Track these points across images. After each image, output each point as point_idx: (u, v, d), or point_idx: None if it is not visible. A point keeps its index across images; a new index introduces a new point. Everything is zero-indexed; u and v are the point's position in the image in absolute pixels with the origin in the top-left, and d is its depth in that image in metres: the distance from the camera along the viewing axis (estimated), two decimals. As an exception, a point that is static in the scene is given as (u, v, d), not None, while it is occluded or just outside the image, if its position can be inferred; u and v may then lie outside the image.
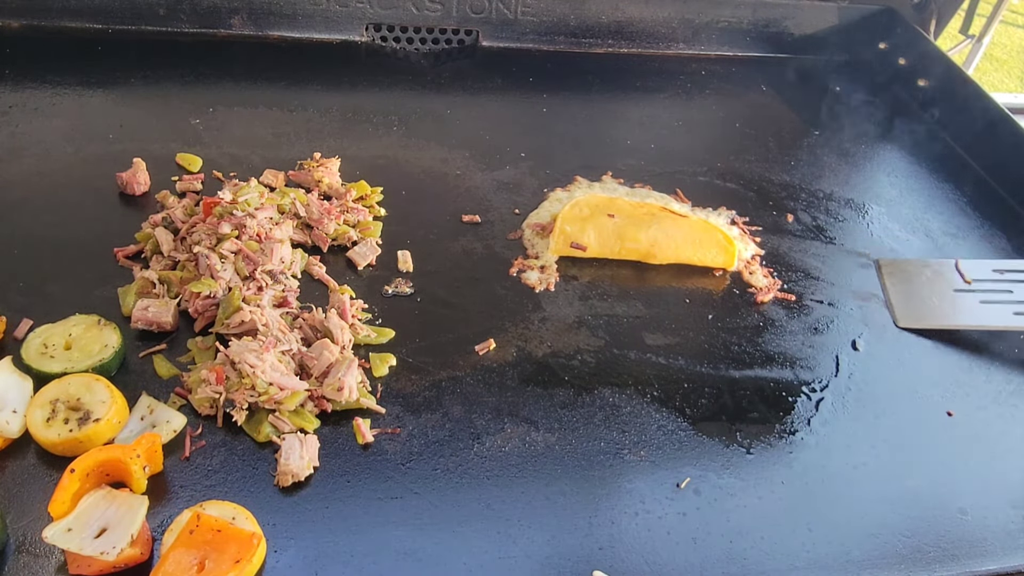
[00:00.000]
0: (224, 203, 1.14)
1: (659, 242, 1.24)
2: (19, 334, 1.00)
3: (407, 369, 1.04)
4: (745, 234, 1.32)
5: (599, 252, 1.24)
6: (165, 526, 0.83)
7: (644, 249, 1.24)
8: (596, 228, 1.24)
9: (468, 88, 1.61)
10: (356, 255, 1.18)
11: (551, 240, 1.24)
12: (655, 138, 1.54)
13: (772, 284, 1.24)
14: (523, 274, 1.20)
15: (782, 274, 1.27)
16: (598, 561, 0.86)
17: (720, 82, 1.75)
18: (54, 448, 0.88)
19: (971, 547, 0.93)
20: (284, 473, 0.89)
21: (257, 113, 1.45)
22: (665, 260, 1.25)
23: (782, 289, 1.23)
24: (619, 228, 1.24)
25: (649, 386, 1.07)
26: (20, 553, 0.81)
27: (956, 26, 2.95)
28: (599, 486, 0.94)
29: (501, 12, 1.70)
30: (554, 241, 1.23)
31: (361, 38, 1.68)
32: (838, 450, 1.02)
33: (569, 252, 1.24)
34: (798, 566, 0.89)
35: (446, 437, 0.97)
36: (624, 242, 1.24)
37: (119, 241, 1.15)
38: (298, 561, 0.83)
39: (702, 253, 1.25)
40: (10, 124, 1.34)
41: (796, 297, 1.23)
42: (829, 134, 1.63)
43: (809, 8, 1.83)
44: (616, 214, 1.26)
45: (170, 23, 1.60)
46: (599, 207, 1.28)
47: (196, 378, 0.96)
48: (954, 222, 1.43)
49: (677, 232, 1.25)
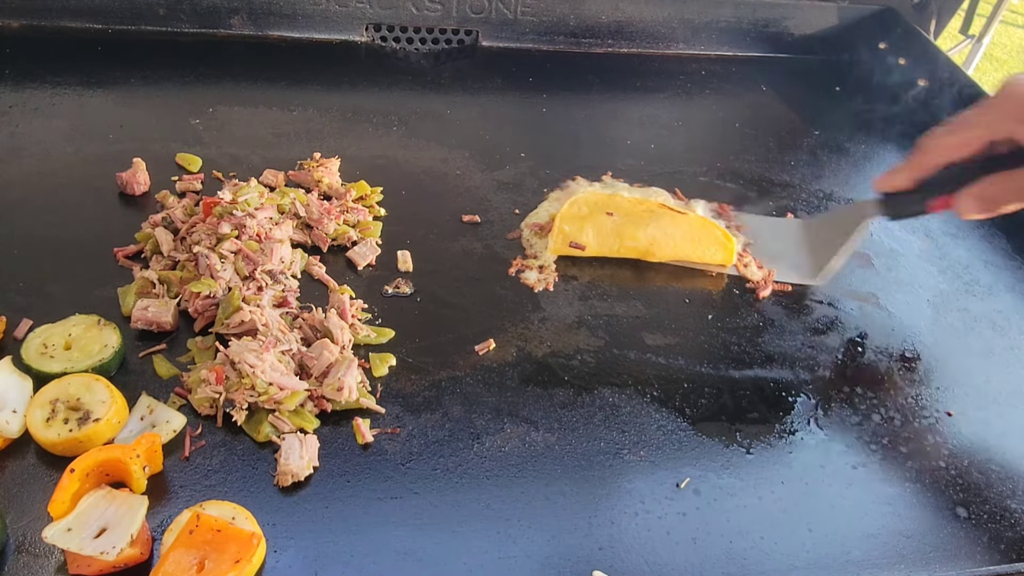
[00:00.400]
0: (224, 203, 1.14)
1: (658, 240, 1.24)
2: (19, 334, 1.00)
3: (407, 369, 1.04)
4: (731, 224, 1.32)
5: (598, 251, 1.24)
6: (165, 526, 0.83)
7: (643, 247, 1.24)
8: (595, 227, 1.24)
9: (468, 88, 1.61)
10: (356, 255, 1.18)
11: (549, 240, 1.23)
12: (655, 138, 1.54)
13: (767, 275, 1.24)
14: (522, 274, 1.20)
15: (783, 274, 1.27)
16: (598, 561, 0.86)
17: (720, 82, 1.75)
18: (54, 448, 0.88)
19: (971, 547, 0.93)
20: (284, 473, 0.89)
21: (257, 113, 1.45)
22: (664, 258, 1.24)
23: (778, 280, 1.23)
24: (618, 227, 1.24)
25: (649, 386, 1.07)
26: (20, 553, 0.81)
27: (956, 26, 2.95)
28: (599, 486, 0.94)
29: (501, 12, 1.70)
30: (552, 241, 1.23)
31: (361, 38, 1.68)
32: (838, 450, 1.02)
33: (568, 251, 1.23)
34: (798, 566, 0.89)
35: (446, 437, 0.97)
36: (623, 240, 1.24)
37: (119, 241, 1.15)
38: (298, 561, 0.83)
39: (701, 251, 1.25)
40: (10, 124, 1.34)
41: (795, 296, 1.23)
42: (829, 134, 1.63)
43: (809, 8, 1.83)
44: (615, 212, 1.26)
45: (170, 23, 1.60)
46: (598, 205, 1.28)
47: (196, 378, 0.96)
48: (954, 222, 1.42)
49: (676, 230, 1.25)
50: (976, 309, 1.26)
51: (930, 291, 1.28)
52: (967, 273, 1.33)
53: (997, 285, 1.31)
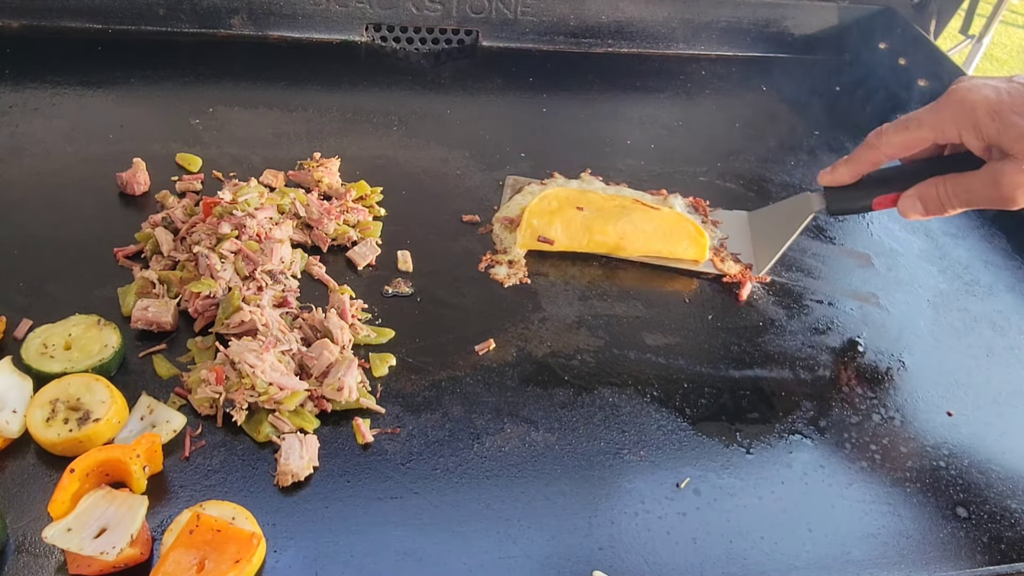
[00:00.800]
0: (224, 203, 1.14)
1: (628, 235, 1.22)
2: (19, 334, 1.00)
3: (407, 369, 1.04)
4: (707, 220, 1.31)
5: (567, 246, 1.22)
6: (165, 526, 0.83)
7: (613, 242, 1.22)
8: (563, 221, 1.22)
9: (468, 88, 1.61)
10: (356, 255, 1.18)
11: (518, 234, 1.22)
12: (655, 138, 1.54)
13: (744, 270, 1.23)
14: (491, 269, 1.19)
15: (781, 274, 1.27)
16: (598, 561, 0.86)
17: (720, 82, 1.75)
18: (54, 448, 0.88)
19: (971, 547, 0.93)
20: (284, 473, 0.89)
21: (257, 113, 1.45)
22: (635, 253, 1.23)
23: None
24: (587, 221, 1.22)
25: (649, 386, 1.07)
26: (20, 553, 0.81)
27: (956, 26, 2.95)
28: (599, 486, 0.94)
29: (501, 12, 1.70)
30: (520, 235, 1.22)
31: (361, 38, 1.68)
32: (838, 450, 1.02)
33: (536, 246, 1.22)
34: (798, 566, 0.89)
35: (446, 437, 0.97)
36: (592, 235, 1.22)
37: (119, 241, 1.15)
38: (298, 561, 0.83)
39: (672, 246, 1.23)
40: (10, 124, 1.34)
41: (795, 296, 1.23)
42: (829, 134, 1.63)
43: (809, 8, 1.84)
44: (586, 207, 1.24)
45: (170, 23, 1.60)
46: (568, 200, 1.26)
47: (196, 378, 0.96)
48: (954, 222, 1.42)
49: (647, 224, 1.23)
50: (976, 309, 1.26)
51: (930, 291, 1.28)
52: (967, 273, 1.33)
53: (997, 285, 1.31)
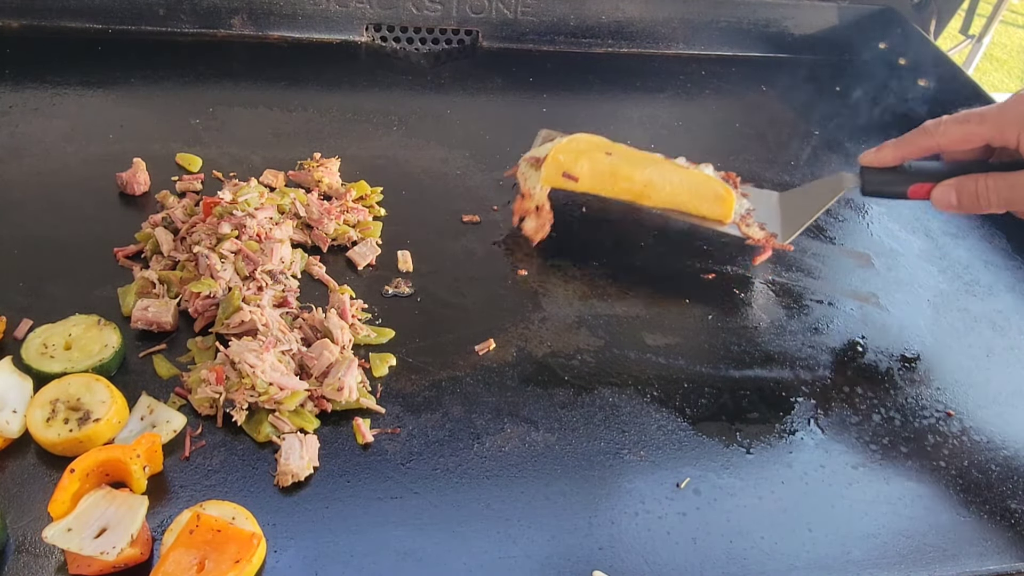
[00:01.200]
0: (224, 203, 1.14)
1: (654, 183, 1.20)
2: (19, 334, 1.00)
3: (407, 369, 1.04)
4: (737, 189, 1.30)
5: (591, 186, 1.21)
6: (165, 526, 0.83)
7: (638, 189, 1.20)
8: (591, 161, 1.20)
9: (468, 88, 1.61)
10: (356, 255, 1.18)
11: (542, 169, 1.20)
12: (655, 138, 1.54)
13: (768, 237, 1.23)
14: (523, 222, 1.22)
15: (781, 274, 1.27)
16: (598, 561, 0.86)
17: (720, 82, 1.75)
18: (54, 448, 0.88)
19: (971, 547, 0.93)
20: (284, 473, 0.89)
21: (257, 113, 1.45)
22: (660, 203, 1.21)
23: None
24: (614, 165, 1.20)
25: (649, 386, 1.07)
26: (20, 553, 0.81)
27: (956, 26, 2.96)
28: (599, 486, 0.94)
29: (501, 12, 1.70)
30: (545, 169, 1.19)
31: (361, 38, 1.68)
32: (838, 450, 1.02)
33: (560, 183, 1.20)
34: (798, 566, 0.89)
35: (446, 437, 0.97)
36: (618, 180, 1.20)
37: (119, 241, 1.15)
38: (298, 561, 0.83)
39: (698, 201, 1.21)
40: (10, 124, 1.34)
41: (795, 296, 1.23)
42: (829, 134, 1.63)
43: (809, 8, 1.84)
44: (613, 153, 1.23)
45: (170, 23, 1.60)
46: (598, 145, 1.24)
47: (196, 378, 0.96)
48: (954, 222, 1.43)
49: (674, 176, 1.21)
50: (976, 309, 1.26)
51: (930, 291, 1.28)
52: (967, 273, 1.33)
53: (997, 285, 1.31)
